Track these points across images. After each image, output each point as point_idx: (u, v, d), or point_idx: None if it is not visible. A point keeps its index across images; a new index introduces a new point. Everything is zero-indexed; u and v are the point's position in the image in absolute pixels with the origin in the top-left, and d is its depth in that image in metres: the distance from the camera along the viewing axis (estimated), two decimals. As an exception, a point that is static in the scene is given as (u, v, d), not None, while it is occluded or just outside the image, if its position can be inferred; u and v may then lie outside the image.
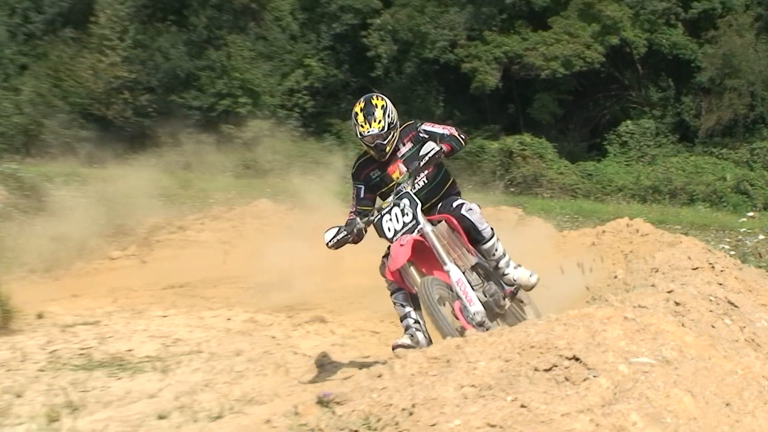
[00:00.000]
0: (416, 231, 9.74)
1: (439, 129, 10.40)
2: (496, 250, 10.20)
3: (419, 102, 39.76)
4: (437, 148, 9.93)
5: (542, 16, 39.55)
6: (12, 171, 22.99)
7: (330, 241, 9.97)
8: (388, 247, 9.95)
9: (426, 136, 10.22)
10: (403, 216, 9.85)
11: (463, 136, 10.40)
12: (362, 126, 10.09)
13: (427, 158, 9.95)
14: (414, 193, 10.01)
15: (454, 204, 10.13)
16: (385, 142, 10.11)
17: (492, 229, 10.23)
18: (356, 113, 10.18)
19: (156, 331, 12.65)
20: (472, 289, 9.69)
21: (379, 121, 10.07)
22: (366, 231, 10.10)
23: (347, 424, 6.01)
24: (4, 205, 20.59)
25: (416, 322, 9.91)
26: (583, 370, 6.32)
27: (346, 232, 9.95)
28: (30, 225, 19.06)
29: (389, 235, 9.82)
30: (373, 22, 40.33)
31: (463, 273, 9.74)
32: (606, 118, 39.49)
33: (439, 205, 10.26)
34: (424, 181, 10.23)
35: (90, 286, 15.38)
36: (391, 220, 9.86)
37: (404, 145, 10.31)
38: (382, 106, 10.17)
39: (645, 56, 39.90)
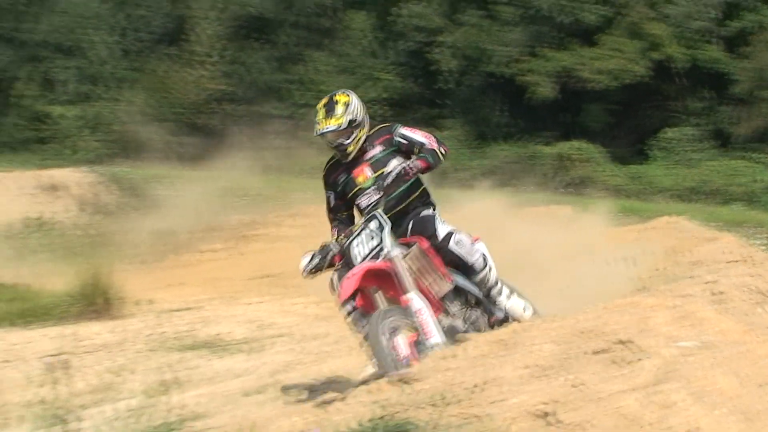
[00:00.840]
0: (381, 256, 8.38)
1: (418, 136, 8.93)
2: (488, 279, 8.89)
3: (480, 111, 39.63)
4: (405, 166, 8.59)
5: (592, 34, 39.28)
6: (124, 173, 23.24)
7: (303, 270, 8.65)
8: (340, 262, 8.61)
9: (402, 141, 8.87)
10: (371, 240, 8.45)
11: (443, 150, 8.90)
12: (319, 123, 8.72)
13: (391, 177, 8.59)
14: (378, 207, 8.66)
15: (441, 234, 8.76)
16: (348, 141, 8.71)
17: (484, 256, 8.92)
18: (317, 110, 8.82)
19: (250, 316, 12.71)
20: (448, 316, 8.56)
21: (338, 118, 8.66)
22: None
23: (422, 399, 6.05)
24: (117, 203, 20.83)
25: None
26: (631, 353, 6.35)
27: (319, 259, 8.58)
28: (139, 220, 19.25)
29: (357, 261, 8.42)
30: (439, 40, 40.20)
31: (442, 299, 8.54)
32: (650, 126, 39.10)
33: (409, 218, 8.87)
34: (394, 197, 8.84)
35: (192, 275, 15.55)
36: (359, 244, 8.48)
37: (374, 147, 8.89)
38: (345, 102, 8.76)
39: (685, 70, 39.54)
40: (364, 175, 8.82)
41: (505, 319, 8.91)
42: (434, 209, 9.07)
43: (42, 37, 44.28)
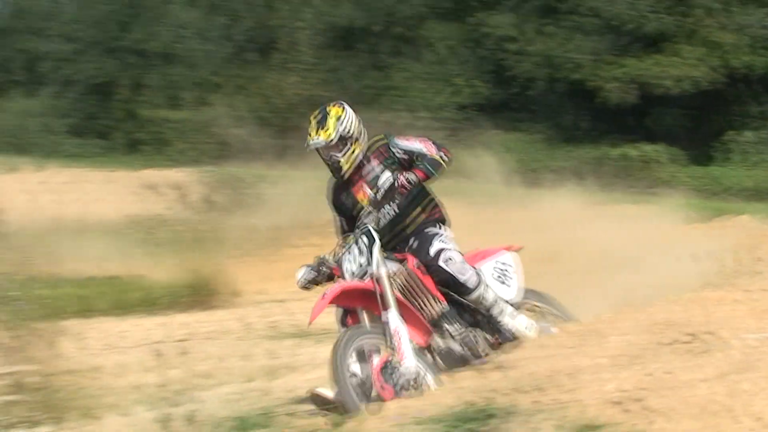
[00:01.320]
0: (367, 275, 7.64)
1: (415, 145, 8.03)
2: (484, 299, 7.92)
3: (558, 115, 39.51)
4: (398, 178, 7.78)
5: (664, 42, 38.97)
6: (225, 173, 23.44)
7: (298, 282, 8.05)
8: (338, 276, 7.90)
9: (400, 153, 7.97)
10: (360, 256, 7.70)
11: (443, 155, 8.03)
12: (309, 135, 7.92)
13: (382, 190, 7.85)
14: (384, 225, 7.91)
15: (431, 251, 7.91)
16: (341, 156, 7.86)
17: (478, 275, 7.99)
18: (309, 121, 8.04)
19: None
20: (444, 338, 7.80)
21: (327, 130, 7.81)
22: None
23: (514, 385, 6.10)
24: (221, 201, 21.06)
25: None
26: (703, 343, 6.37)
27: (315, 273, 7.94)
28: (243, 217, 19.40)
29: (347, 277, 7.74)
30: (519, 48, 40.18)
31: (440, 320, 7.80)
32: (721, 129, 38.66)
33: (415, 237, 8.07)
34: (394, 212, 8.01)
35: (293, 268, 15.55)
36: (348, 261, 7.77)
37: (370, 162, 8.01)
38: (338, 115, 7.91)
39: (759, 76, 39.08)
40: (363, 193, 7.99)
41: (511, 339, 7.96)
42: (441, 226, 8.21)
43: (146, 45, 44.92)
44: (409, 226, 8.05)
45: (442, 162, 7.99)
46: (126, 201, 25.75)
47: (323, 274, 7.92)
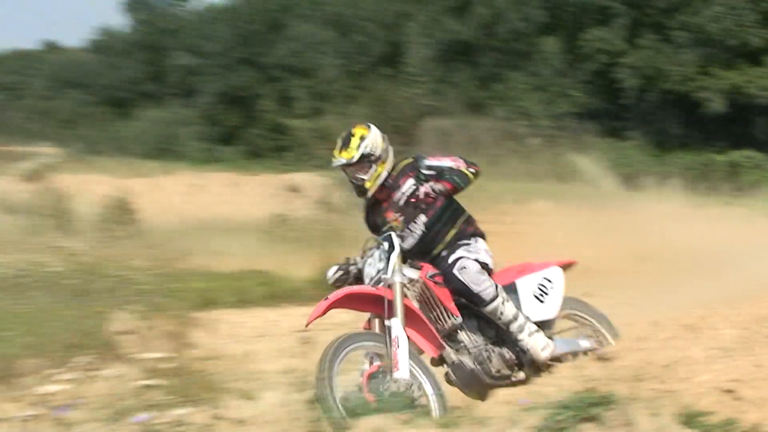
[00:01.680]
0: (381, 281, 6.98)
1: (445, 162, 7.31)
2: (502, 313, 7.11)
3: (659, 123, 39.14)
4: (421, 186, 7.19)
5: (758, 55, 38.35)
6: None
7: (329, 279, 7.31)
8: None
9: (429, 173, 7.28)
10: (379, 261, 7.05)
11: (472, 170, 7.28)
12: (334, 155, 7.32)
13: (404, 197, 7.25)
14: (413, 244, 7.24)
15: (450, 259, 7.17)
16: (365, 176, 7.23)
17: (496, 287, 7.14)
18: (336, 141, 7.41)
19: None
20: (458, 352, 7.05)
21: (350, 151, 7.21)
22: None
23: (621, 375, 6.08)
24: (346, 203, 21.23)
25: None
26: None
27: (342, 272, 7.25)
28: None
29: (366, 281, 7.09)
30: (621, 61, 39.87)
31: (457, 333, 7.08)
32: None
33: (447, 252, 7.30)
34: (422, 230, 7.28)
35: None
36: (370, 265, 7.10)
37: (399, 186, 7.32)
38: (362, 135, 7.26)
39: None
40: (392, 213, 7.30)
41: (530, 359, 7.21)
42: (476, 239, 7.41)
43: (280, 60, 45.61)
44: (438, 244, 7.29)
45: (469, 175, 7.30)
46: (264, 202, 26.13)
47: (351, 274, 7.24)
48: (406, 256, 7.22)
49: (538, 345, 7.13)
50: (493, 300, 7.07)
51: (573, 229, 16.82)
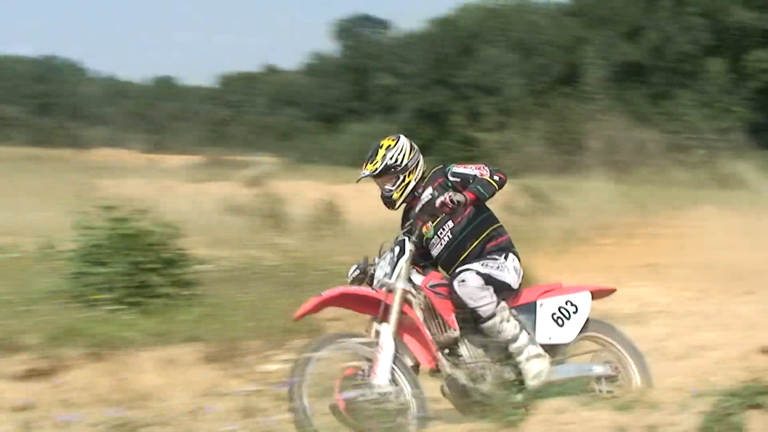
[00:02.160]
0: (384, 285, 6.19)
1: (471, 170, 6.30)
2: (500, 332, 6.13)
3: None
4: (444, 196, 6.09)
5: None
6: (532, 184, 23.52)
7: (348, 276, 6.49)
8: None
9: (455, 180, 6.29)
10: (389, 265, 6.25)
11: (496, 177, 6.17)
12: (362, 167, 6.48)
13: (421, 204, 6.36)
14: (440, 250, 6.36)
15: (458, 270, 6.19)
16: (393, 188, 6.39)
17: (497, 305, 6.10)
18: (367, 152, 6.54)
19: (634, 296, 12.42)
20: (454, 366, 6.14)
21: (374, 163, 6.36)
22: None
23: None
24: (526, 207, 21.13)
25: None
26: None
27: (360, 272, 6.46)
28: (544, 220, 19.45)
29: (375, 283, 6.29)
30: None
31: (456, 346, 6.19)
32: None
33: (468, 262, 6.29)
34: (448, 237, 6.33)
35: (588, 263, 15.36)
36: (381, 267, 6.32)
37: (425, 191, 6.42)
38: (388, 146, 6.38)
39: None
40: (425, 224, 6.37)
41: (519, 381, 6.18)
42: (506, 254, 6.33)
43: (470, 80, 45.83)
44: (463, 252, 6.31)
45: (494, 184, 6.21)
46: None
47: (368, 274, 6.43)
48: (435, 265, 6.44)
49: (531, 371, 6.12)
50: (490, 317, 6.08)
51: (735, 232, 16.29)
